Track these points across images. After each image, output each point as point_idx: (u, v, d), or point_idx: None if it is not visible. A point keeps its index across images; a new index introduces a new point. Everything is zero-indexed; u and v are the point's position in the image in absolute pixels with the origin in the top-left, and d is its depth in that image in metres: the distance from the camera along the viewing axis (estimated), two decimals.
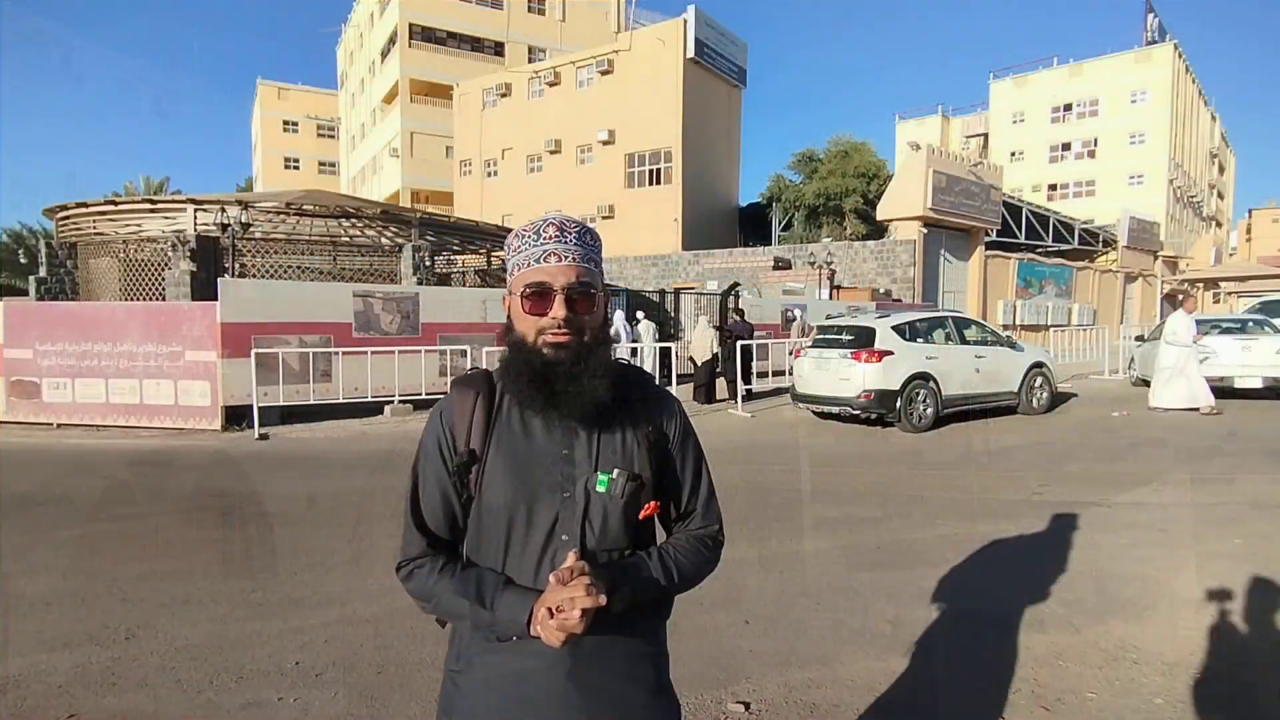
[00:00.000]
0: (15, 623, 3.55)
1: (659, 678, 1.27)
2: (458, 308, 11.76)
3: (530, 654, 1.15)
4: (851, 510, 5.56)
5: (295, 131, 53.99)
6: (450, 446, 1.22)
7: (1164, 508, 5.47)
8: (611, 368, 1.21)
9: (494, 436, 1.22)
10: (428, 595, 1.21)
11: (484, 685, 1.19)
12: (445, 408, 1.25)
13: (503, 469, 1.20)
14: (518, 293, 1.20)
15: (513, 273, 1.23)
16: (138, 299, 13.68)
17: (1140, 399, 11.93)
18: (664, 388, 1.38)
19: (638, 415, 1.26)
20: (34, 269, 16.36)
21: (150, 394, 9.58)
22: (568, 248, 1.19)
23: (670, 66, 28.00)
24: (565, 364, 1.16)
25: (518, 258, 1.22)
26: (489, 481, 1.20)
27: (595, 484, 1.20)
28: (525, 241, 1.21)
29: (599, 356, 1.20)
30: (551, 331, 1.17)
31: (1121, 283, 31.76)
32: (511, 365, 1.21)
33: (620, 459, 1.23)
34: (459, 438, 1.22)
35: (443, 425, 1.23)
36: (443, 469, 1.23)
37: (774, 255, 23.87)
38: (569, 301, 1.17)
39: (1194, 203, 49.85)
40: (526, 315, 1.19)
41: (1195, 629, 3.37)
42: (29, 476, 7.03)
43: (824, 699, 2.81)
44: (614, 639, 1.20)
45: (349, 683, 2.94)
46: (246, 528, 5.18)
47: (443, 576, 1.20)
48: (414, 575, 1.23)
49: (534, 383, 1.17)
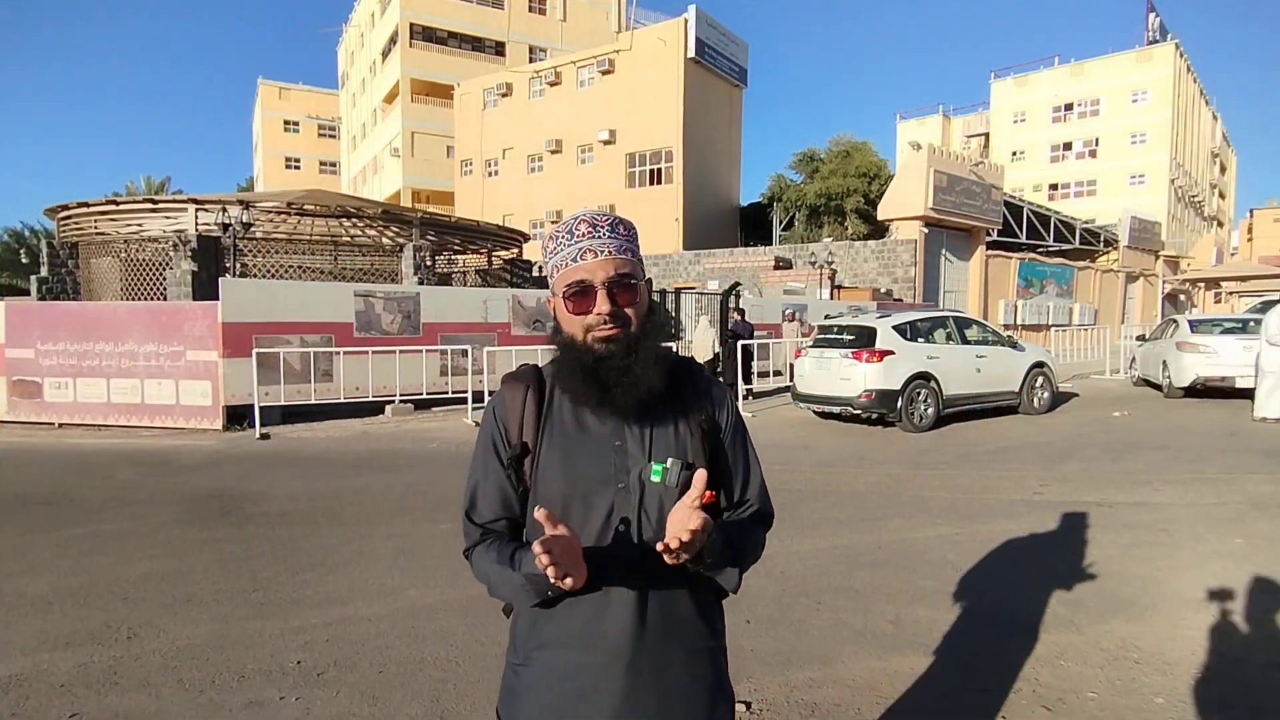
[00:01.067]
0: (17, 622, 3.56)
1: (717, 674, 1.27)
2: (459, 307, 11.77)
3: (590, 649, 1.17)
4: (852, 510, 5.56)
5: (296, 131, 53.98)
6: (504, 440, 1.25)
7: (1165, 508, 5.46)
8: (663, 356, 1.22)
9: (546, 429, 1.23)
10: (484, 575, 1.23)
11: (543, 679, 1.20)
12: (497, 403, 1.28)
13: (557, 461, 1.21)
14: (560, 294, 1.21)
15: (552, 275, 1.24)
16: (139, 299, 13.69)
17: (1141, 398, 11.93)
18: (715, 378, 1.38)
19: (689, 405, 1.27)
20: (35, 269, 16.38)
21: (151, 394, 9.59)
22: (601, 242, 1.20)
23: (671, 66, 27.98)
24: (616, 357, 1.17)
25: (555, 259, 1.22)
26: (543, 473, 1.22)
27: (650, 474, 1.20)
28: (559, 242, 1.22)
29: (649, 346, 1.20)
30: (600, 328, 1.18)
31: (1123, 282, 31.74)
32: (564, 365, 1.22)
33: (673, 448, 1.23)
34: (512, 432, 1.24)
35: (496, 420, 1.27)
36: (497, 462, 1.25)
37: (775, 255, 23.86)
38: (611, 295, 1.18)
39: (1195, 202, 49.80)
40: (572, 315, 1.20)
41: (1196, 629, 3.37)
42: (30, 476, 7.04)
43: (825, 699, 2.81)
44: (673, 634, 1.20)
45: (350, 682, 2.94)
46: (248, 527, 5.18)
47: (488, 552, 1.22)
48: (473, 560, 1.26)
49: (587, 380, 1.18)
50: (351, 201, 17.37)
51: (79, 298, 14.88)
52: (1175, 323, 12.61)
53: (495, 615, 3.51)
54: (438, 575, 4.16)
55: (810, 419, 10.48)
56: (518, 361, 8.91)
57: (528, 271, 19.60)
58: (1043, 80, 46.62)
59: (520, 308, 12.37)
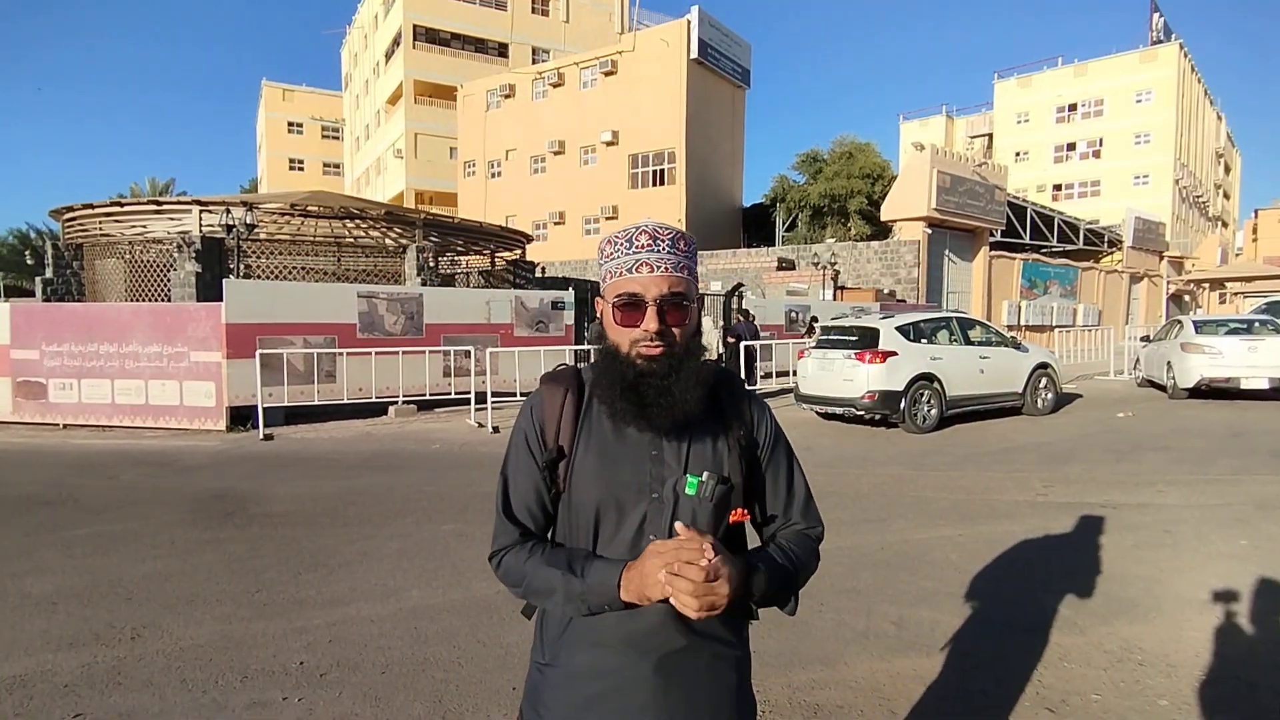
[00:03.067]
0: (22, 622, 3.57)
1: (740, 680, 1.28)
2: (462, 308, 11.79)
3: (616, 650, 1.17)
4: (855, 511, 5.55)
5: (300, 133, 54.08)
6: (540, 442, 1.24)
7: (1169, 509, 5.45)
8: (704, 378, 1.20)
9: (583, 434, 1.23)
10: (519, 576, 1.20)
11: (568, 680, 1.20)
12: (536, 404, 1.26)
13: (592, 466, 1.20)
14: (610, 301, 1.20)
15: (605, 279, 1.22)
16: (143, 300, 13.73)
17: (1146, 399, 11.90)
18: (754, 392, 1.38)
19: (728, 419, 1.26)
20: (40, 270, 16.42)
21: (155, 394, 9.62)
22: (660, 256, 1.18)
23: (674, 67, 27.99)
24: (657, 376, 1.16)
25: (610, 264, 1.21)
26: (578, 478, 1.21)
27: (684, 486, 1.18)
28: (618, 249, 1.20)
29: (691, 368, 1.19)
30: (644, 344, 1.17)
31: (1127, 283, 31.66)
32: (605, 374, 1.21)
33: (710, 462, 1.22)
34: (548, 434, 1.23)
35: (533, 421, 1.25)
36: (532, 463, 1.24)
37: (778, 256, 23.85)
38: (660, 313, 1.16)
39: (1200, 203, 49.66)
40: (619, 326, 1.19)
41: (1200, 630, 3.36)
42: (35, 476, 7.06)
43: (828, 700, 2.80)
44: (700, 639, 1.20)
45: (353, 683, 2.95)
46: (251, 528, 5.19)
47: (533, 555, 1.20)
48: (504, 561, 1.23)
49: (626, 394, 1.17)
50: (355, 203, 17.39)
51: (84, 299, 14.92)
52: (1180, 323, 12.56)
53: (497, 617, 3.53)
54: (440, 576, 4.16)
55: (813, 420, 10.47)
56: (521, 362, 8.88)
57: (530, 272, 19.61)
58: (1046, 81, 46.55)
59: (523, 309, 12.38)
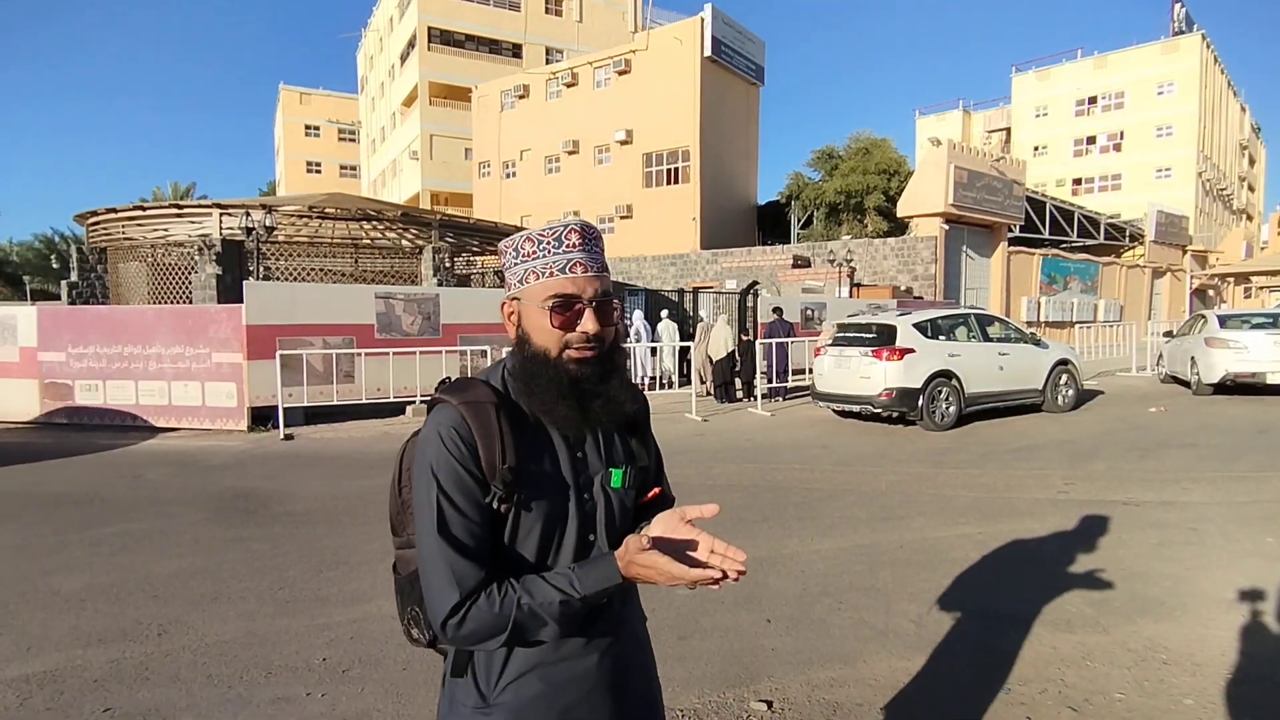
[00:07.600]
0: (52, 619, 3.64)
1: (653, 665, 1.34)
2: (478, 308, 11.85)
3: (577, 655, 1.16)
4: (873, 509, 5.52)
5: (317, 136, 54.59)
6: (481, 470, 1.09)
7: (1194, 506, 5.37)
8: (628, 378, 1.22)
9: (523, 449, 1.14)
10: (500, 622, 1.06)
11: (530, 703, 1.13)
12: (458, 429, 1.09)
13: (536, 480, 1.13)
14: (538, 303, 1.13)
15: (526, 280, 1.15)
16: (166, 302, 13.96)
17: (1169, 395, 11.72)
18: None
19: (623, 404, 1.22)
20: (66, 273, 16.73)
21: (179, 395, 9.77)
22: (591, 256, 1.15)
23: (687, 65, 27.93)
24: (592, 380, 1.14)
25: (534, 264, 1.14)
26: (525, 494, 1.12)
27: (610, 480, 1.18)
28: (543, 248, 1.14)
29: (618, 364, 1.18)
30: (578, 346, 1.13)
31: (1149, 278, 31.20)
32: (536, 382, 1.13)
33: (624, 451, 1.23)
34: (492, 457, 1.09)
35: (461, 449, 1.08)
36: (477, 492, 1.09)
37: (793, 253, 23.74)
38: (597, 315, 1.14)
39: (1224, 196, 48.78)
40: (551, 328, 1.12)
41: (1226, 629, 3.31)
42: (63, 476, 7.19)
43: (847, 698, 2.80)
44: (631, 615, 1.26)
45: (375, 678, 2.98)
46: (273, 526, 5.26)
47: (509, 595, 1.06)
48: (471, 612, 1.05)
49: (565, 400, 1.12)
50: (371, 204, 17.54)
51: (107, 302, 15.20)
52: (1204, 318, 12.35)
53: None
54: None
55: (830, 418, 10.42)
56: None
57: None
58: (1065, 73, 45.88)
59: None
